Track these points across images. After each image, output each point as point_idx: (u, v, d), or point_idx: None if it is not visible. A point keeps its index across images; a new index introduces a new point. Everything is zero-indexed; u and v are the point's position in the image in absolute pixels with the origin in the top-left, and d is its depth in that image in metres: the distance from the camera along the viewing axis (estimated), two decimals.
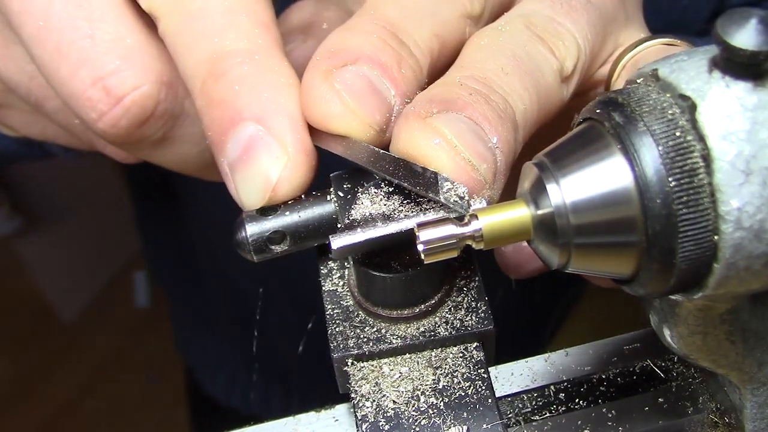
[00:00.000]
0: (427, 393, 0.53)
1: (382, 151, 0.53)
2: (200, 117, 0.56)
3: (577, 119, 0.49)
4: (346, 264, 0.60)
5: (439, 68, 0.59)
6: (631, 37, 0.65)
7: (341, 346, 0.55)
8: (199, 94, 0.56)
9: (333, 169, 0.58)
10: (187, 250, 1.42)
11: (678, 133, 0.42)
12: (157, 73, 0.60)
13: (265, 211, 0.56)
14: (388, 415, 0.53)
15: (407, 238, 0.51)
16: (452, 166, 0.50)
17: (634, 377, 0.61)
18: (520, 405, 0.60)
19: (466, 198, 0.49)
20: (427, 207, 0.53)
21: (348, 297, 0.58)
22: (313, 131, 0.55)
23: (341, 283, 0.59)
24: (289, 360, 1.39)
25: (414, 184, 0.51)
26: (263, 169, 0.53)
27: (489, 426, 0.52)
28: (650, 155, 0.42)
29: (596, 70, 0.65)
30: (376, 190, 0.55)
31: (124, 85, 0.59)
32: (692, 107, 0.42)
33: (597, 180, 0.44)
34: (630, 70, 0.62)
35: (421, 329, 0.56)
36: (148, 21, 0.61)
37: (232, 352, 1.50)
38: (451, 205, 0.49)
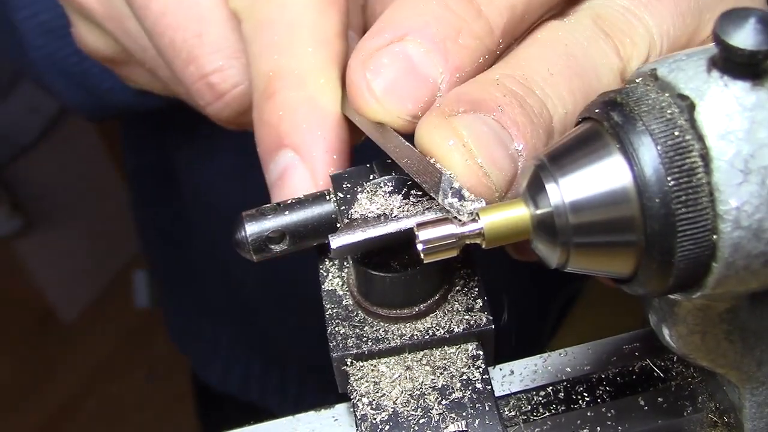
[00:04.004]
0: (427, 392, 0.53)
1: (407, 143, 0.53)
2: (254, 129, 0.61)
3: (577, 119, 0.49)
4: (345, 264, 0.60)
5: (529, 22, 0.56)
6: None
7: (340, 345, 0.55)
8: (255, 107, 0.61)
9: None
10: (185, 236, 1.42)
11: (677, 133, 0.42)
12: None
13: (265, 211, 0.56)
14: (388, 414, 0.53)
15: (407, 237, 0.51)
16: (463, 169, 0.49)
17: (634, 377, 0.61)
18: (520, 404, 0.60)
19: (467, 203, 0.49)
20: (427, 206, 0.53)
21: (347, 296, 0.58)
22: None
23: (340, 282, 0.59)
24: (285, 345, 1.39)
25: (424, 181, 0.51)
26: (295, 194, 0.58)
27: (488, 425, 0.52)
28: (649, 154, 0.42)
29: None
30: (375, 190, 0.55)
31: (226, 83, 0.66)
32: (691, 107, 0.42)
33: (596, 179, 0.44)
34: None
35: (421, 328, 0.56)
36: None
37: (228, 338, 1.50)
38: (447, 209, 0.49)
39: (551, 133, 0.53)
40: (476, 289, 0.57)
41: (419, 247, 0.48)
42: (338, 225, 0.56)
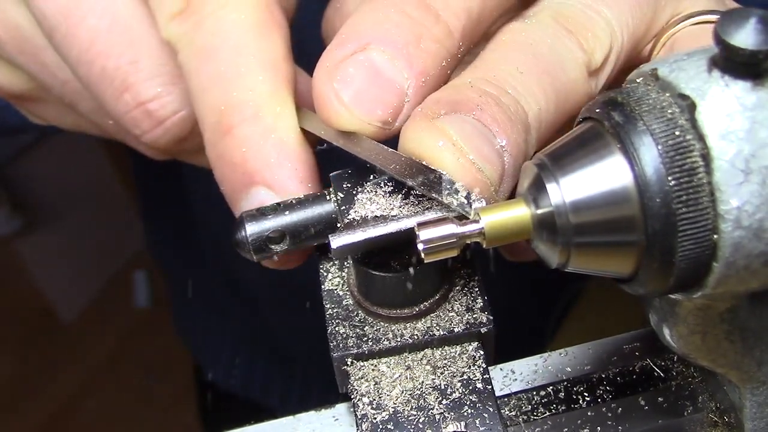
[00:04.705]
0: (427, 392, 0.53)
1: (390, 149, 0.53)
2: (212, 166, 0.60)
3: (578, 119, 0.50)
4: (345, 263, 0.60)
5: (487, 24, 0.57)
6: (694, 6, 0.61)
7: (341, 345, 0.55)
8: (208, 145, 0.59)
9: (342, 166, 0.59)
10: (190, 232, 1.42)
11: (677, 132, 0.42)
12: None
13: (265, 211, 0.56)
14: (388, 414, 0.53)
15: (407, 237, 0.51)
16: (456, 168, 0.50)
17: (634, 376, 0.61)
18: (520, 404, 0.60)
19: (469, 200, 0.49)
20: (427, 206, 0.53)
21: (348, 296, 0.58)
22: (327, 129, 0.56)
23: (341, 282, 0.59)
24: (290, 343, 1.39)
25: (419, 183, 0.51)
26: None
27: (489, 425, 0.52)
28: (650, 154, 0.42)
29: (646, 45, 0.62)
30: (376, 190, 0.55)
31: (165, 109, 0.64)
32: (692, 106, 0.42)
33: (597, 179, 0.44)
34: (669, 49, 0.60)
35: (421, 328, 0.56)
36: None
37: (232, 334, 1.50)
38: (454, 207, 0.49)
39: (528, 129, 0.53)
40: (476, 289, 0.57)
41: (420, 246, 0.48)
42: (338, 225, 0.56)
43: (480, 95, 0.52)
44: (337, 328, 0.56)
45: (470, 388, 0.54)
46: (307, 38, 0.70)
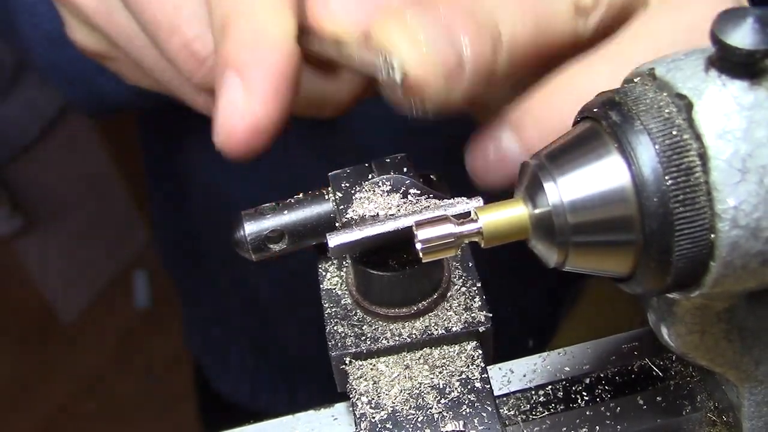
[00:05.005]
0: (425, 391, 0.53)
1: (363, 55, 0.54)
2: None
3: (575, 118, 0.50)
4: (344, 263, 0.60)
5: None
6: None
7: (339, 344, 0.56)
8: (215, 50, 0.62)
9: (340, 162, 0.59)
10: (197, 242, 1.43)
11: (674, 132, 0.42)
12: None
13: (264, 210, 0.56)
14: (387, 413, 0.53)
15: (405, 236, 0.52)
16: (403, 47, 0.51)
17: (633, 376, 0.61)
18: (519, 403, 0.60)
19: (401, 77, 0.50)
20: (425, 205, 0.53)
21: (346, 295, 0.58)
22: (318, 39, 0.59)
23: (339, 281, 0.59)
24: (297, 354, 1.40)
25: (373, 69, 0.52)
26: (231, 113, 0.58)
27: (487, 424, 0.52)
28: (647, 154, 0.42)
29: None
30: (374, 189, 0.56)
31: (206, 48, 0.66)
32: (689, 106, 0.42)
33: (594, 179, 0.44)
34: None
35: (419, 327, 0.56)
36: None
37: (240, 346, 1.50)
38: (383, 82, 0.51)
39: (498, 41, 0.54)
40: (474, 288, 0.57)
41: (418, 246, 0.48)
42: (337, 224, 0.56)
43: (453, 3, 0.53)
44: (335, 327, 0.56)
45: (469, 387, 0.54)
46: None
